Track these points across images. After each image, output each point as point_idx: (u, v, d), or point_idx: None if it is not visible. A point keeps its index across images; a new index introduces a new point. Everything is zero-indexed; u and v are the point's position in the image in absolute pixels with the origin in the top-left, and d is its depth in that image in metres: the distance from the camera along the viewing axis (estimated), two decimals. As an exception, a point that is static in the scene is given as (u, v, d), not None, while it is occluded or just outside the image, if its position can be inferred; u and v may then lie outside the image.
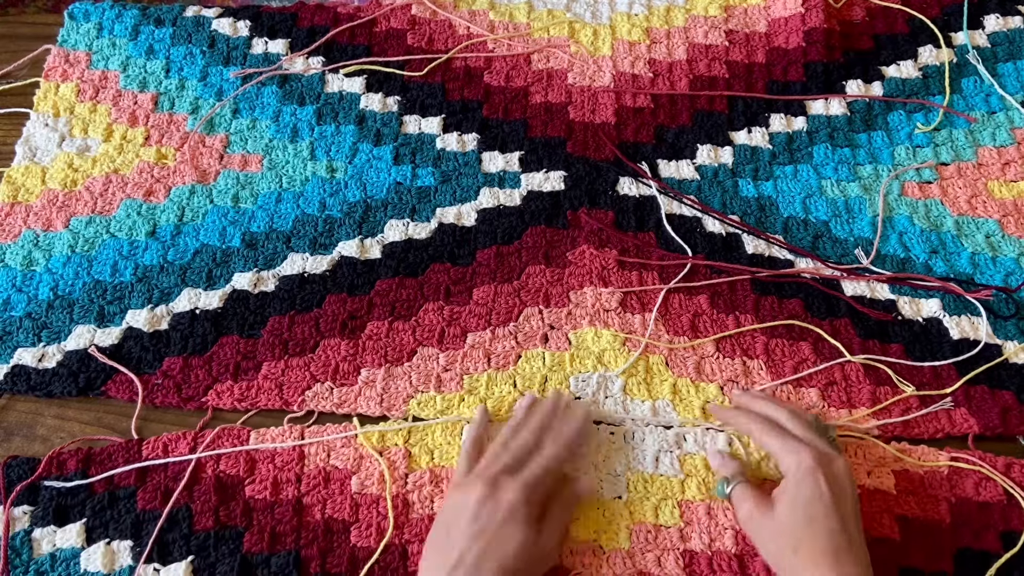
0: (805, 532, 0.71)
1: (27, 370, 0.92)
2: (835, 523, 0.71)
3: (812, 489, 0.72)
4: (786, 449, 0.76)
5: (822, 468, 0.73)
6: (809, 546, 0.70)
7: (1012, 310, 0.95)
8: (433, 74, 1.17)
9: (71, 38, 1.19)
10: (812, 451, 0.75)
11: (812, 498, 0.72)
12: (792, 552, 0.71)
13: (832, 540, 0.70)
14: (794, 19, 1.20)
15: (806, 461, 0.74)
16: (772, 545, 0.74)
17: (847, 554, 0.70)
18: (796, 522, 0.72)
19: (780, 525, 0.73)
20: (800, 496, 0.73)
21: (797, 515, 0.72)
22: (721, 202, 1.05)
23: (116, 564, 0.80)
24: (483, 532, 0.72)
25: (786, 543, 0.72)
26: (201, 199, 1.05)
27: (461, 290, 0.97)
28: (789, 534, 0.72)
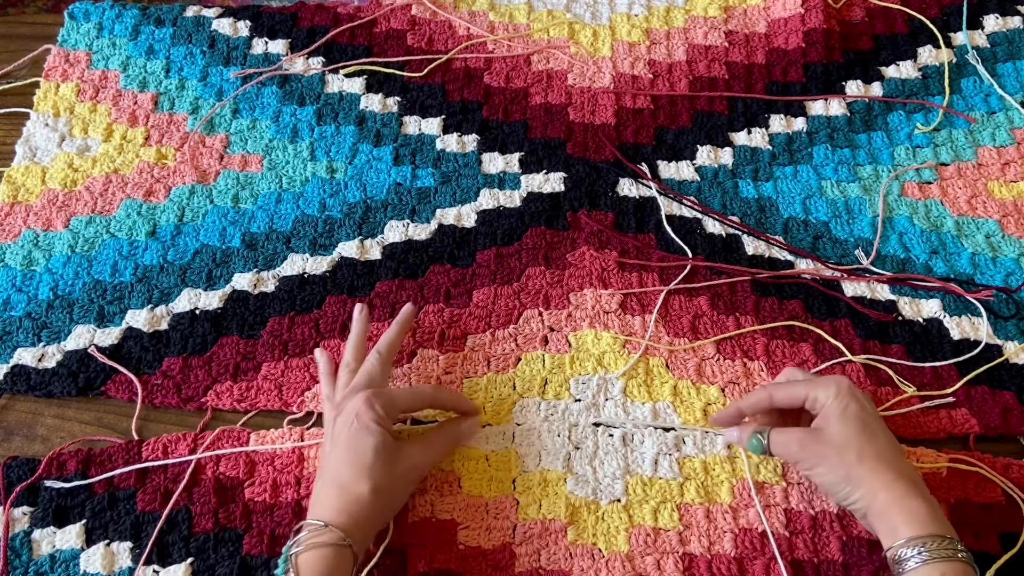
0: (863, 438, 0.75)
1: (27, 370, 0.92)
2: (885, 429, 0.77)
3: (857, 403, 0.77)
4: (818, 383, 0.79)
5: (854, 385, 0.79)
6: (871, 450, 0.75)
7: (1012, 310, 0.95)
8: (433, 75, 1.17)
9: (71, 38, 1.19)
10: (841, 376, 0.80)
11: (860, 410, 0.76)
12: (857, 460, 0.74)
13: (890, 441, 0.76)
14: (794, 20, 1.20)
15: (843, 383, 0.78)
16: (835, 458, 0.75)
17: (901, 458, 0.76)
18: (854, 432, 0.75)
19: (839, 439, 0.76)
20: (849, 411, 0.76)
21: (852, 427, 0.76)
22: (721, 203, 1.05)
23: (116, 565, 0.80)
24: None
25: (851, 452, 0.75)
26: (201, 199, 1.05)
27: (461, 292, 0.97)
28: (849, 444, 0.75)
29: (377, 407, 0.78)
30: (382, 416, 0.78)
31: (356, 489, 0.74)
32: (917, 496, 0.72)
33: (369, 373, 0.83)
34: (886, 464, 0.74)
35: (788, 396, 0.81)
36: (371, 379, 0.83)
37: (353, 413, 0.78)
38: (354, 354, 0.87)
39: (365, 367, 0.84)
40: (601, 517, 0.83)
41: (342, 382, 0.84)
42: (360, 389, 0.81)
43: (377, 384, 0.83)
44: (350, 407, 0.79)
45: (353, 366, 0.85)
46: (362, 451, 0.76)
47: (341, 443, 0.78)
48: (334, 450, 0.78)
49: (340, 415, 0.80)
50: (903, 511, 0.71)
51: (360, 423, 0.77)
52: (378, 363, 0.84)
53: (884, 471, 0.73)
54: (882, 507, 0.72)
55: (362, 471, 0.75)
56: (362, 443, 0.77)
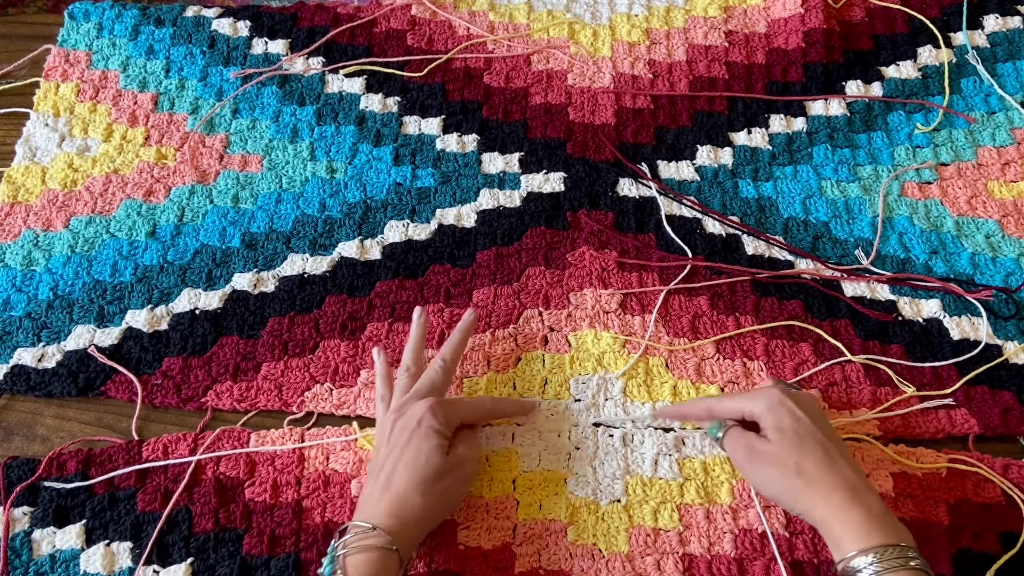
0: (800, 451, 0.75)
1: (27, 370, 0.92)
2: (821, 435, 0.76)
3: (790, 414, 0.76)
4: (752, 397, 0.80)
5: (789, 398, 0.78)
6: (809, 462, 0.74)
7: (1012, 310, 0.95)
8: (433, 75, 1.17)
9: (71, 38, 1.19)
10: (774, 389, 0.79)
11: (793, 421, 0.76)
12: (796, 474, 0.74)
13: (825, 450, 0.75)
14: (794, 20, 1.20)
15: (774, 396, 0.78)
16: (774, 471, 0.75)
17: (841, 460, 0.74)
18: (790, 445, 0.75)
19: (777, 452, 0.75)
20: (783, 423, 0.76)
21: (788, 439, 0.75)
22: (721, 203, 1.05)
23: (116, 566, 0.80)
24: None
25: (789, 467, 0.74)
26: (201, 199, 1.05)
27: (461, 292, 0.97)
28: (787, 457, 0.75)
29: (440, 415, 0.79)
30: (444, 424, 0.78)
31: (409, 496, 0.74)
32: (857, 505, 0.70)
33: (432, 380, 0.83)
34: (823, 475, 0.73)
35: (726, 409, 0.81)
36: (433, 386, 0.83)
37: (415, 419, 0.78)
38: (413, 357, 0.87)
39: (429, 373, 0.84)
40: (601, 517, 0.83)
41: (402, 385, 0.84)
42: (422, 395, 0.81)
43: (439, 391, 0.83)
44: (412, 412, 0.79)
45: (413, 370, 0.85)
46: (420, 458, 0.76)
47: (399, 447, 0.78)
48: (391, 453, 0.78)
49: (400, 419, 0.80)
50: (844, 523, 0.70)
51: (421, 429, 0.78)
52: (441, 370, 0.84)
53: (821, 483, 0.72)
54: (823, 521, 0.72)
55: (417, 478, 0.75)
56: (421, 450, 0.77)
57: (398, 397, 0.83)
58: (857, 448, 0.86)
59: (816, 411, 0.79)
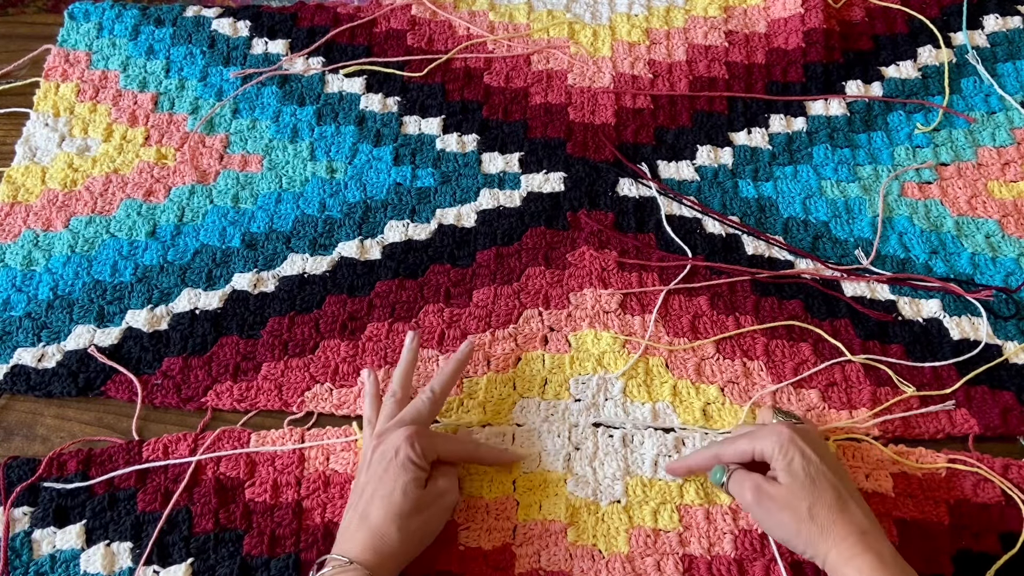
0: (813, 494, 0.73)
1: (27, 370, 0.92)
2: (832, 476, 0.75)
3: (800, 454, 0.75)
4: (759, 437, 0.78)
5: (798, 434, 0.77)
6: (821, 506, 0.73)
7: (1012, 310, 0.95)
8: (433, 75, 1.17)
9: (71, 38, 1.19)
10: (782, 426, 0.78)
11: (805, 462, 0.75)
12: (810, 519, 0.73)
13: (837, 492, 0.74)
14: (794, 20, 1.20)
15: (783, 435, 0.76)
16: (787, 516, 0.74)
17: (852, 502, 0.74)
18: (802, 487, 0.74)
19: (789, 495, 0.74)
20: (795, 464, 0.75)
21: (799, 480, 0.74)
22: (721, 203, 1.05)
23: (116, 566, 0.80)
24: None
25: (802, 512, 0.73)
26: (201, 199, 1.05)
27: (461, 292, 0.97)
28: (799, 501, 0.74)
29: (417, 447, 0.78)
30: (420, 456, 0.77)
31: (385, 529, 0.74)
32: (869, 551, 0.70)
33: (418, 409, 0.82)
34: (835, 520, 0.72)
35: (735, 453, 0.80)
36: (418, 416, 0.82)
37: (393, 448, 0.78)
38: (401, 383, 0.85)
39: (416, 403, 0.83)
40: (601, 518, 0.83)
41: (387, 411, 0.83)
42: (405, 424, 0.80)
43: (423, 422, 0.82)
44: (390, 441, 0.78)
45: (399, 395, 0.84)
46: (396, 491, 0.75)
47: (375, 477, 0.77)
48: (368, 483, 0.77)
49: (379, 446, 0.79)
50: (857, 569, 0.70)
51: (399, 460, 0.77)
52: (429, 401, 0.83)
53: (833, 528, 0.72)
54: (834, 567, 0.72)
55: (392, 511, 0.75)
56: (397, 482, 0.76)
57: (382, 422, 0.82)
58: (856, 449, 0.86)
59: (823, 446, 0.78)
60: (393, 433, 0.79)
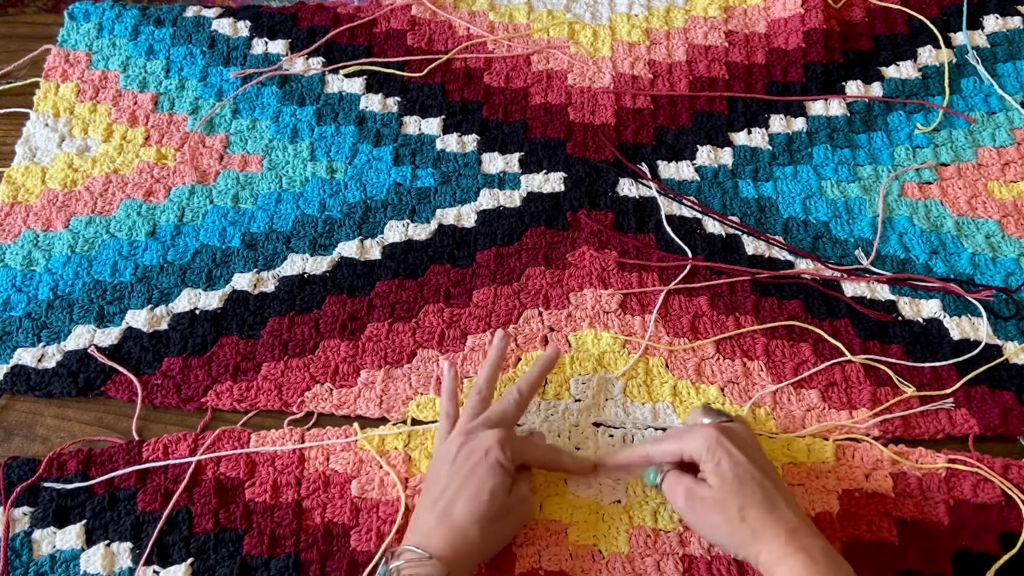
0: (742, 495, 0.73)
1: (27, 370, 0.92)
2: (760, 476, 0.74)
3: (728, 456, 0.75)
4: (687, 438, 0.78)
5: (726, 436, 0.76)
6: (751, 508, 0.73)
7: (1012, 310, 0.95)
8: (433, 75, 1.17)
9: (71, 38, 1.19)
10: (709, 428, 0.77)
11: (732, 463, 0.74)
12: (740, 520, 0.72)
13: (766, 492, 0.73)
14: (794, 20, 1.20)
15: (710, 436, 0.76)
16: (718, 519, 0.74)
17: (781, 501, 0.73)
18: (731, 490, 0.74)
19: (719, 498, 0.74)
20: (722, 465, 0.74)
21: (728, 482, 0.74)
22: (721, 203, 1.05)
23: (116, 566, 0.80)
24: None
25: (733, 514, 0.73)
26: (201, 199, 1.05)
27: (461, 292, 0.97)
28: (730, 503, 0.73)
29: (508, 451, 0.77)
30: (511, 461, 0.77)
31: (468, 529, 0.73)
32: (799, 551, 0.69)
33: (505, 410, 0.81)
34: (765, 521, 0.72)
35: (664, 454, 0.79)
36: (505, 417, 0.81)
37: (483, 449, 0.77)
38: (487, 381, 0.85)
39: (503, 403, 0.82)
40: (602, 518, 0.83)
41: (472, 408, 0.82)
42: (493, 424, 0.79)
43: (510, 423, 0.81)
44: (480, 442, 0.77)
45: (484, 393, 0.84)
46: (484, 493, 0.75)
47: (462, 475, 0.76)
48: (453, 480, 0.76)
49: (467, 444, 0.78)
50: (788, 568, 0.69)
51: (489, 462, 0.76)
52: (515, 403, 0.82)
53: (762, 529, 0.71)
54: (767, 568, 0.71)
55: (478, 511, 0.74)
56: (485, 485, 0.75)
57: (466, 419, 0.81)
58: (856, 449, 0.86)
59: (753, 446, 0.78)
60: (483, 433, 0.78)
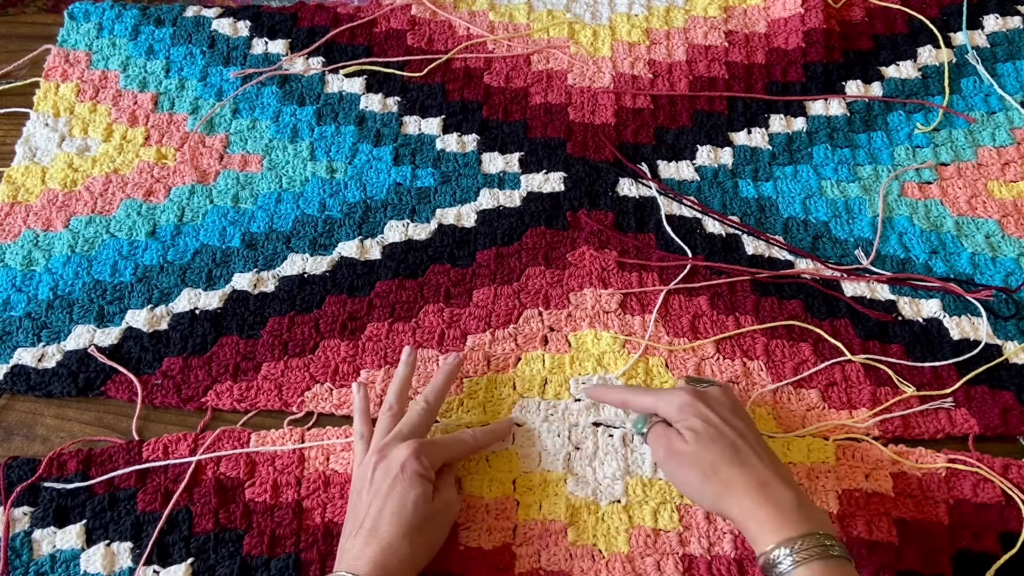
0: (713, 452, 0.74)
1: (27, 370, 0.92)
2: (731, 433, 0.75)
3: (698, 415, 0.76)
4: (663, 399, 0.79)
5: (699, 399, 0.78)
6: (723, 463, 0.74)
7: (1012, 310, 0.95)
8: (433, 75, 1.17)
9: (71, 38, 1.19)
10: (685, 390, 0.79)
11: (702, 424, 0.76)
12: (713, 474, 0.73)
13: (735, 448, 0.74)
14: (793, 20, 1.20)
15: (683, 397, 0.78)
16: (693, 473, 0.75)
17: (753, 455, 0.74)
18: (704, 446, 0.75)
19: (694, 454, 0.75)
20: (693, 426, 0.76)
21: (701, 440, 0.75)
22: (721, 203, 1.05)
23: (116, 566, 0.80)
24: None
25: (706, 469, 0.74)
26: (201, 199, 1.05)
27: (461, 292, 0.97)
28: (703, 459, 0.74)
29: (424, 459, 0.77)
30: (428, 469, 0.77)
31: (397, 545, 0.73)
32: (768, 503, 0.70)
33: (415, 421, 0.82)
34: (735, 476, 0.72)
35: (640, 404, 0.82)
36: (416, 427, 0.82)
37: (399, 463, 0.77)
38: (397, 396, 0.85)
39: (411, 415, 0.83)
40: (601, 518, 0.83)
41: (384, 425, 0.83)
42: (404, 437, 0.80)
43: (420, 433, 0.82)
44: (395, 456, 0.78)
45: (395, 409, 0.84)
46: (407, 506, 0.75)
47: (382, 494, 0.76)
48: (374, 499, 0.76)
49: (382, 462, 0.78)
50: (757, 521, 0.70)
51: (406, 475, 0.76)
52: (424, 412, 0.83)
53: (733, 483, 0.72)
54: (739, 521, 0.72)
55: (404, 526, 0.74)
56: (407, 498, 0.75)
57: (379, 437, 0.81)
58: (856, 449, 0.86)
59: (727, 406, 0.79)
60: (396, 448, 0.79)
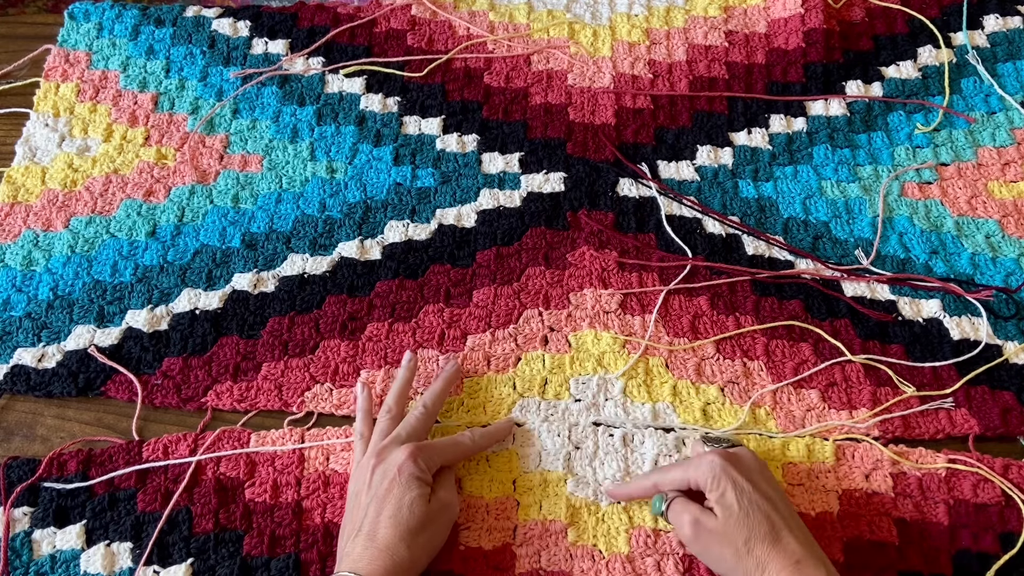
0: (748, 527, 0.72)
1: (27, 370, 0.92)
2: (766, 504, 0.73)
3: (732, 484, 0.74)
4: (693, 467, 0.77)
5: (731, 464, 0.75)
6: (756, 538, 0.72)
7: (1012, 310, 0.95)
8: (433, 75, 1.17)
9: (71, 38, 1.19)
10: (714, 455, 0.76)
11: (737, 493, 0.73)
12: (747, 553, 0.72)
13: (771, 523, 0.72)
14: (794, 20, 1.20)
15: (716, 464, 0.75)
16: (726, 551, 0.73)
17: (786, 531, 0.72)
18: (737, 521, 0.73)
19: (725, 530, 0.73)
20: (727, 498, 0.73)
21: (734, 514, 0.73)
22: (721, 203, 1.05)
23: (116, 566, 0.80)
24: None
25: (739, 547, 0.72)
26: (201, 199, 1.05)
27: (461, 292, 0.97)
28: (736, 535, 0.72)
29: (420, 462, 0.77)
30: (425, 471, 0.77)
31: (396, 549, 0.73)
32: None
33: (412, 425, 0.82)
34: (770, 554, 0.71)
35: (671, 482, 0.79)
36: (414, 431, 0.82)
37: (395, 466, 0.77)
38: (396, 399, 0.86)
39: (409, 419, 0.83)
40: (601, 518, 0.83)
41: (382, 428, 0.83)
42: (402, 441, 0.80)
43: (419, 437, 0.82)
44: (392, 459, 0.78)
45: (394, 412, 0.84)
46: (403, 509, 0.75)
47: (380, 497, 0.76)
48: (372, 502, 0.76)
49: (380, 465, 0.78)
50: None
51: (403, 478, 0.76)
52: (423, 416, 0.83)
53: (768, 561, 0.71)
54: None
55: (403, 530, 0.74)
56: (403, 501, 0.75)
57: (377, 440, 0.82)
58: (856, 449, 0.86)
59: (758, 470, 0.77)
60: (394, 451, 0.79)
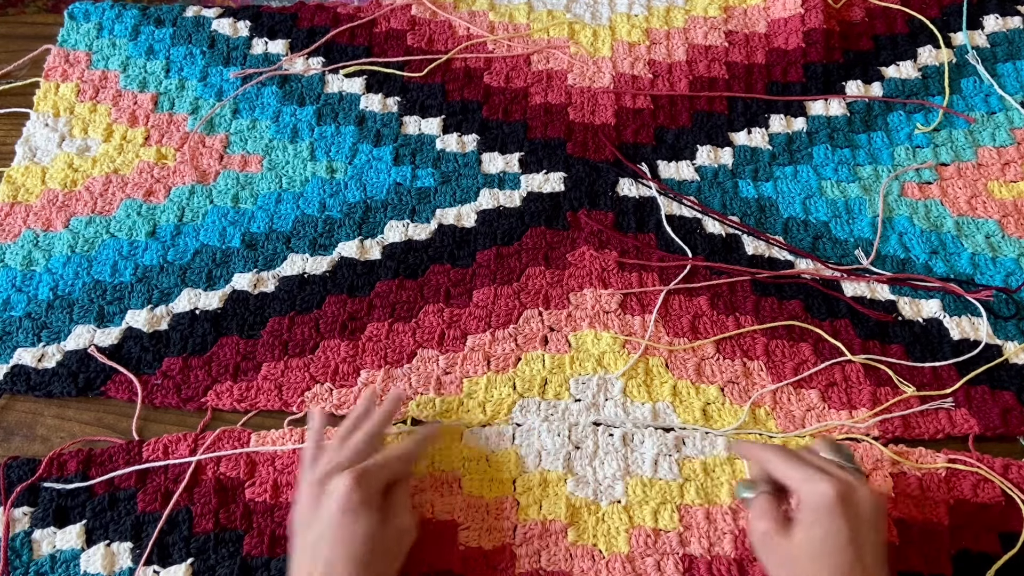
0: (817, 565, 0.68)
1: (27, 370, 0.92)
2: (850, 556, 0.68)
3: (831, 523, 0.68)
4: (808, 481, 0.71)
5: (843, 500, 0.69)
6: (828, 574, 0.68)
7: (1012, 311, 0.95)
8: (433, 75, 1.16)
9: (71, 38, 1.19)
10: (834, 482, 0.70)
11: (829, 532, 0.68)
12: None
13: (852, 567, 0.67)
14: (794, 20, 1.20)
15: (828, 494, 0.69)
16: (782, 571, 0.71)
17: None
18: (811, 554, 0.69)
19: (794, 553, 0.70)
20: (817, 529, 0.69)
21: (813, 547, 0.69)
22: (721, 203, 1.05)
23: (116, 566, 0.80)
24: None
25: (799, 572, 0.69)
26: (201, 199, 1.05)
27: (461, 292, 0.97)
28: (801, 565, 0.69)
29: (363, 487, 0.73)
30: (371, 496, 0.73)
31: None
32: None
33: (355, 450, 0.77)
34: None
35: (780, 476, 0.74)
36: (358, 454, 0.77)
37: (341, 495, 0.72)
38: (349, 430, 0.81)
39: (351, 444, 0.78)
40: (601, 518, 0.83)
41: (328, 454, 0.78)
42: (344, 467, 0.74)
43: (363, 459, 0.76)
44: (334, 488, 0.73)
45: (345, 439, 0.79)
46: (355, 541, 0.71)
47: (329, 529, 0.71)
48: (321, 540, 0.71)
49: (324, 496, 0.73)
50: None
51: (351, 507, 0.71)
52: (363, 441, 0.78)
53: None
54: None
55: (356, 561, 0.70)
56: (356, 532, 0.71)
57: (323, 467, 0.76)
58: (857, 448, 0.86)
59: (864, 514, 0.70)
60: (335, 479, 0.73)
